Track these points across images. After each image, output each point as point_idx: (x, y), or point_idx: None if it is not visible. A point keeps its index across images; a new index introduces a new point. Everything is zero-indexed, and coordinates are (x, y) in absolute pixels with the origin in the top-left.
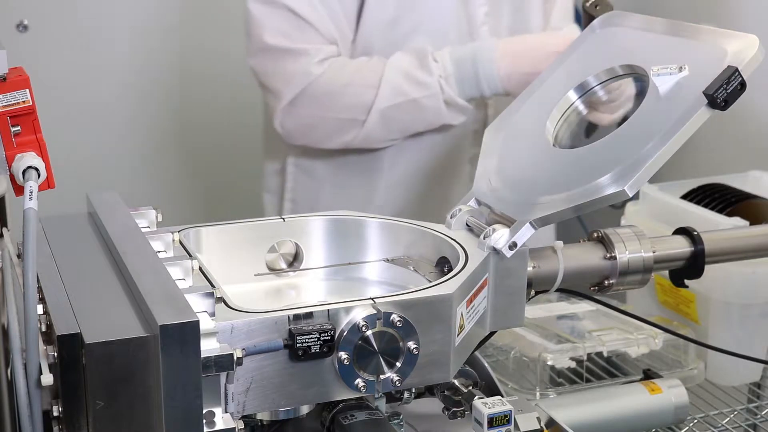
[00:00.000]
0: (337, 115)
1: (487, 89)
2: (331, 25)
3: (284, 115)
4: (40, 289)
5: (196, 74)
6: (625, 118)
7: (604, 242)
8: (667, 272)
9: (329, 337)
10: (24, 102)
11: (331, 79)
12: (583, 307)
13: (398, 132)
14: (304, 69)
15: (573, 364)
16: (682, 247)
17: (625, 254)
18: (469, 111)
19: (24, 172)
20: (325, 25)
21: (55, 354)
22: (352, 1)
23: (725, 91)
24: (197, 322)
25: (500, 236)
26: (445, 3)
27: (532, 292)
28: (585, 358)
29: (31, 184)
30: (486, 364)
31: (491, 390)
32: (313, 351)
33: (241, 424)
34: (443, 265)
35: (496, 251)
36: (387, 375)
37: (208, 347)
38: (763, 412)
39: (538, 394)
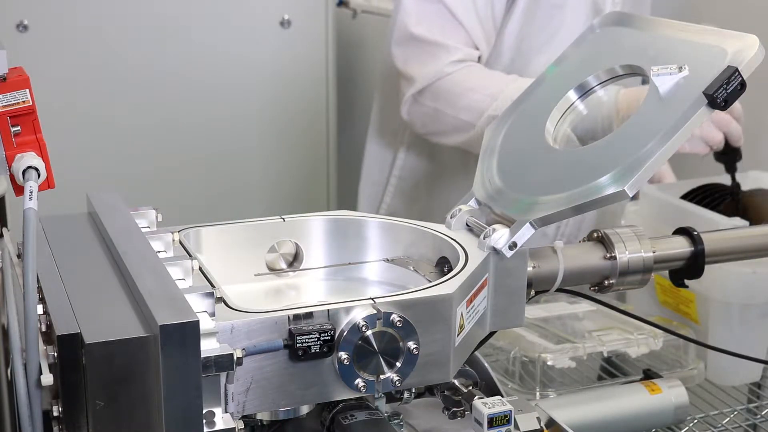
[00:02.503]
0: (455, 114)
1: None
2: (479, 29)
3: (410, 103)
4: (40, 289)
5: (196, 74)
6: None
7: (604, 242)
8: (667, 272)
9: (329, 337)
10: (24, 102)
11: (459, 81)
12: (583, 307)
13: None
14: (438, 65)
15: (573, 364)
16: (682, 247)
17: (625, 254)
18: None
19: (24, 172)
20: (474, 27)
21: (55, 354)
22: (500, 9)
23: (725, 91)
24: (197, 322)
25: (500, 236)
26: (580, 17)
27: (532, 292)
28: (585, 358)
29: (31, 184)
30: (486, 364)
31: (491, 390)
32: (313, 351)
33: (241, 424)
34: (443, 265)
35: (496, 251)
36: (387, 375)
37: (208, 347)
38: (763, 412)
39: (538, 394)
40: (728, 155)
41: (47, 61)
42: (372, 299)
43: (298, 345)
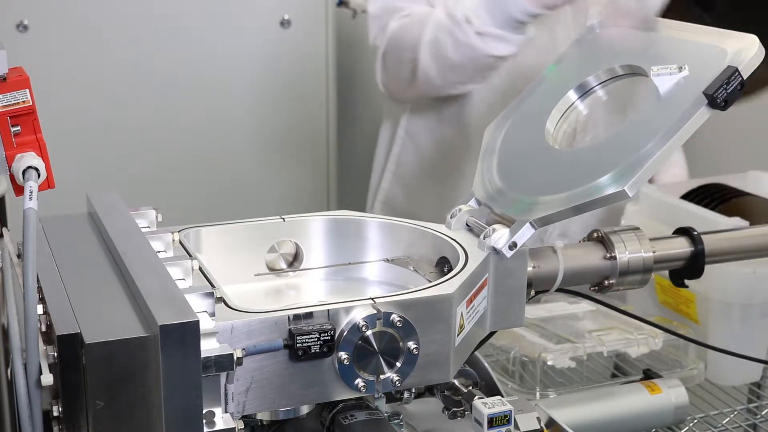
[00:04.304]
0: (410, 55)
1: (516, 11)
2: None
3: (381, 71)
4: (40, 289)
5: (196, 74)
6: None
7: (604, 242)
8: (667, 272)
9: (329, 337)
10: (24, 102)
11: (406, 25)
12: (583, 307)
13: (450, 70)
14: (392, 22)
15: (573, 364)
16: (682, 247)
17: (625, 254)
18: (512, 40)
19: (24, 172)
20: None
21: (55, 354)
22: None
23: (725, 91)
24: (197, 322)
25: (500, 236)
26: None
27: (532, 292)
28: (585, 358)
29: (31, 184)
30: (486, 364)
31: (491, 390)
32: (313, 351)
33: (241, 424)
34: (443, 265)
35: (496, 251)
36: (387, 375)
37: (208, 347)
38: (763, 412)
39: (538, 394)
40: None
41: (47, 61)
42: (372, 299)
43: (298, 345)
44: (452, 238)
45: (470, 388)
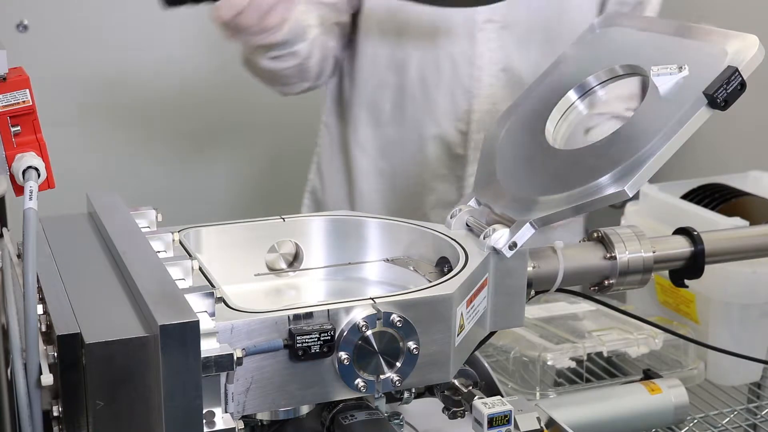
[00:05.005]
0: None
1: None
2: None
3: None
4: (40, 289)
5: (196, 73)
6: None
7: (604, 242)
8: (667, 272)
9: (329, 337)
10: (24, 102)
11: None
12: (583, 307)
13: (269, 83)
14: None
15: (573, 364)
16: (682, 247)
17: (625, 254)
18: (293, 51)
19: (24, 172)
20: None
21: (55, 354)
22: None
23: (725, 91)
24: (197, 322)
25: (500, 236)
26: None
27: (532, 292)
28: (585, 358)
29: (31, 184)
30: (486, 364)
31: (491, 390)
32: (313, 351)
33: (241, 424)
34: (443, 265)
35: (496, 251)
36: (387, 375)
37: (208, 347)
38: (763, 412)
39: (538, 394)
40: None
41: (47, 61)
42: (372, 299)
43: (298, 345)
44: (452, 238)
45: (470, 388)
